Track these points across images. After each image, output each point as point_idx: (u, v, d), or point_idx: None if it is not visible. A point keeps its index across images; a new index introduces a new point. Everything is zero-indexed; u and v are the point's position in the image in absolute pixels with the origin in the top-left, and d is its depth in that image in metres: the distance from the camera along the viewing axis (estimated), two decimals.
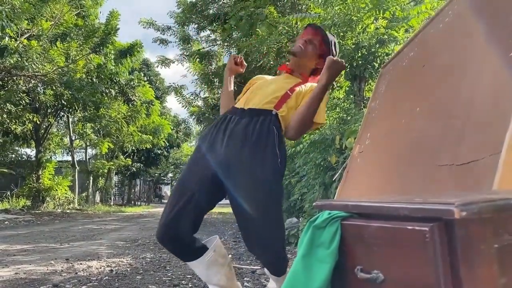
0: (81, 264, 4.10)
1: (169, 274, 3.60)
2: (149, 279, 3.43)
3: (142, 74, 19.81)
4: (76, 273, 3.65)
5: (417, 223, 0.74)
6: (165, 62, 14.55)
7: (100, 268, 3.91)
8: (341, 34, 5.35)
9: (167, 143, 25.37)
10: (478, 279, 0.66)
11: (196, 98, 14.40)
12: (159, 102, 22.39)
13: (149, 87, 19.89)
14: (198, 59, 12.41)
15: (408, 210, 0.78)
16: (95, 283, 3.25)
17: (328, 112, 5.99)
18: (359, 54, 5.33)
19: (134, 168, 26.53)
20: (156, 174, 35.09)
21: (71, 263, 4.12)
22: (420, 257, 0.74)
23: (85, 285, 3.15)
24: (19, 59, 11.68)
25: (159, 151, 27.12)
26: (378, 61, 5.32)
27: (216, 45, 12.63)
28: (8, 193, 15.69)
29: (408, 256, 0.78)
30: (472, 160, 1.30)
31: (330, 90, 5.98)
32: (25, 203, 15.35)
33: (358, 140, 2.60)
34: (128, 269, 3.88)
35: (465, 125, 1.41)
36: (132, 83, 16.94)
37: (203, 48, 13.11)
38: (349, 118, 5.21)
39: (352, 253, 1.01)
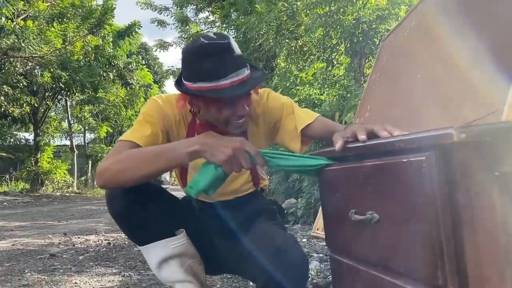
0: (79, 238, 4.09)
1: None
2: None
3: (140, 58, 19.67)
4: (74, 245, 3.64)
5: (413, 155, 0.70)
6: (163, 45, 14.46)
7: (98, 241, 3.90)
8: (342, 9, 5.27)
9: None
10: (477, 209, 0.62)
11: None
12: (157, 86, 22.26)
13: (148, 71, 19.76)
14: None
15: (403, 142, 0.74)
16: (93, 253, 3.24)
17: (327, 89, 5.95)
18: (360, 30, 5.26)
19: None
20: None
21: (69, 237, 4.11)
22: (416, 190, 0.70)
23: (82, 256, 3.13)
24: (16, 40, 11.56)
25: None
26: (379, 37, 5.25)
27: (215, 27, 12.51)
28: (7, 176, 15.67)
29: (403, 191, 0.74)
30: (473, 120, 1.27)
31: (330, 67, 5.92)
32: (24, 186, 15.35)
33: (357, 114, 2.57)
34: (126, 242, 3.86)
35: (466, 87, 1.38)
36: (130, 66, 16.80)
37: (202, 30, 12.98)
38: (348, 95, 5.16)
39: (346, 197, 0.98)
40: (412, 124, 1.70)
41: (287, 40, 6.79)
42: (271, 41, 7.25)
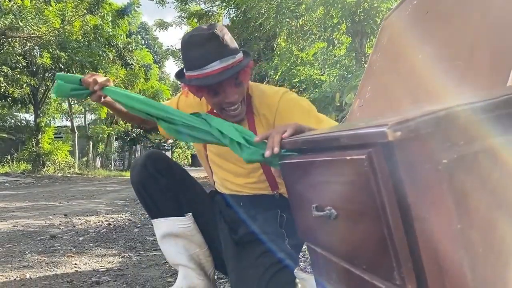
0: (79, 219, 4.11)
1: None
2: (146, 231, 3.43)
3: (140, 38, 19.48)
4: (74, 226, 3.66)
5: (356, 151, 0.66)
6: (163, 25, 14.28)
7: (98, 222, 3.92)
8: None
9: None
10: (428, 202, 0.58)
11: None
12: (157, 66, 22.13)
13: (147, 51, 19.61)
14: (196, 21, 12.14)
15: (347, 138, 0.69)
16: (93, 234, 3.25)
17: (328, 70, 5.89)
18: (361, 9, 5.17)
19: (134, 134, 26.50)
20: (157, 140, 35.12)
21: (69, 218, 4.13)
22: (363, 188, 0.66)
23: (82, 237, 3.15)
24: (14, 20, 11.43)
25: None
26: (380, 16, 5.17)
27: (215, 5, 12.32)
28: (9, 157, 15.71)
29: (353, 188, 0.71)
30: (474, 101, 1.25)
31: (331, 47, 5.85)
32: (25, 167, 15.40)
33: (358, 95, 2.54)
34: (126, 223, 3.88)
35: (468, 67, 1.35)
36: (129, 46, 16.67)
37: (202, 9, 12.80)
38: (349, 75, 5.11)
39: (307, 191, 0.95)
40: (413, 105, 1.67)
41: (287, 19, 6.69)
42: (271, 20, 7.15)
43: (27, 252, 2.61)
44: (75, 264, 2.35)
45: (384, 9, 5.13)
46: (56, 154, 16.71)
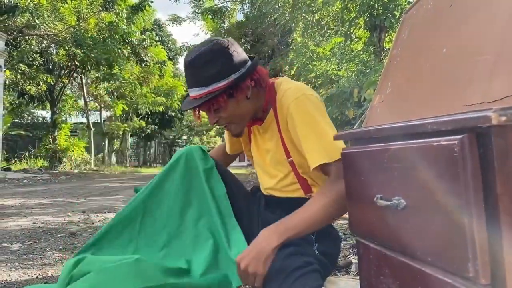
0: (97, 216, 4.13)
1: None
2: None
3: (154, 34, 19.55)
4: (93, 223, 3.67)
5: (445, 138, 0.64)
6: (177, 20, 14.32)
7: None
8: None
9: (180, 105, 25.25)
10: None
11: None
12: (171, 63, 22.19)
13: (161, 47, 19.67)
14: (210, 17, 12.13)
15: (436, 124, 0.67)
16: None
17: (345, 65, 5.81)
18: (379, 3, 5.09)
19: (148, 130, 26.69)
20: (171, 137, 35.34)
21: (88, 215, 4.15)
22: (447, 176, 0.64)
23: None
24: (30, 18, 11.55)
25: (172, 113, 27.10)
26: (399, 10, 5.08)
27: (229, 1, 12.29)
28: (26, 154, 15.94)
29: (433, 177, 0.68)
30: (506, 95, 1.19)
31: (348, 42, 5.77)
32: (42, 163, 15.61)
33: (378, 90, 2.49)
34: None
35: (497, 61, 1.29)
36: (144, 43, 16.72)
37: (215, 5, 12.79)
38: (367, 70, 5.03)
39: (370, 181, 0.92)
40: (436, 101, 1.62)
41: (303, 14, 6.62)
42: (287, 15, 7.09)
43: (48, 250, 2.61)
44: None
45: (404, 2, 5.04)
46: (72, 151, 16.91)
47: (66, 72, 16.29)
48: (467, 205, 0.59)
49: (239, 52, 1.28)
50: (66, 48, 13.19)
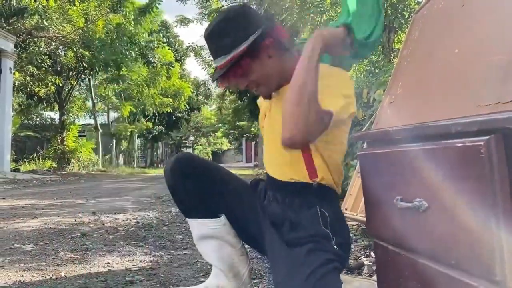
0: (107, 217, 4.14)
1: None
2: (175, 230, 3.43)
3: (161, 36, 19.61)
4: (103, 224, 3.69)
5: (470, 139, 0.63)
6: (184, 21, 14.35)
7: (127, 220, 3.94)
8: None
9: (187, 106, 25.30)
10: None
11: None
12: (178, 64, 22.25)
13: (168, 49, 19.72)
14: None
15: (461, 125, 0.67)
16: (122, 232, 3.27)
17: (354, 65, 5.79)
18: (389, 3, 5.07)
19: (155, 131, 26.76)
20: (178, 138, 35.43)
21: (98, 216, 4.17)
22: (473, 177, 0.63)
23: (112, 235, 3.17)
24: (39, 20, 11.64)
25: (179, 114, 27.14)
26: (409, 10, 5.06)
27: (236, 1, 12.29)
28: (35, 155, 16.04)
29: (457, 178, 0.67)
30: None
31: None
32: (51, 164, 15.69)
33: (388, 91, 2.46)
34: (154, 221, 3.89)
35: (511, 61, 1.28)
36: (151, 44, 16.79)
37: (223, 6, 12.80)
38: (377, 71, 5.01)
39: (390, 183, 0.92)
40: (448, 102, 1.60)
41: (311, 15, 6.61)
42: (295, 15, 7.07)
43: (59, 250, 2.63)
44: (108, 262, 2.36)
45: (413, 2, 5.02)
46: (81, 152, 16.99)
47: (74, 73, 16.38)
48: (494, 207, 0.58)
49: (254, 15, 1.33)
50: (75, 50, 13.29)
